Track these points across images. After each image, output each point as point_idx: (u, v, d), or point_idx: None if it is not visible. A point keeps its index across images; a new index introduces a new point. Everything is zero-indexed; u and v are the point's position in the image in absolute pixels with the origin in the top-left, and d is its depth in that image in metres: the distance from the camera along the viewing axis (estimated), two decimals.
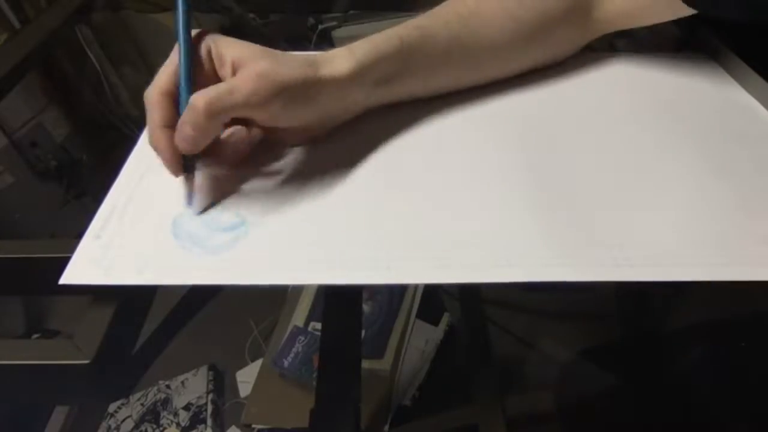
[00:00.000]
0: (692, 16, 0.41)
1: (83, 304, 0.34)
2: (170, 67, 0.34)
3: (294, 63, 0.35)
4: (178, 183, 0.37)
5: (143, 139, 0.41)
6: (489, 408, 0.65)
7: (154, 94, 0.34)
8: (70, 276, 0.31)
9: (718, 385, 0.44)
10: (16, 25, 1.13)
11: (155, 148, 0.34)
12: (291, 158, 0.39)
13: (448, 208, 0.35)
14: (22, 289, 0.60)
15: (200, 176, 0.36)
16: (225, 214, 0.35)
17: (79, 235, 0.34)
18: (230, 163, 0.37)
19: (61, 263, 0.32)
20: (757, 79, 0.44)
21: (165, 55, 0.35)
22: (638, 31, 0.50)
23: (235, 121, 0.36)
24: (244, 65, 0.33)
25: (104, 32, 1.23)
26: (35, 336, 1.14)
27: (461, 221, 0.34)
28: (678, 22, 0.46)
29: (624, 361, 0.55)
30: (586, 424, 0.56)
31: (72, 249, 0.33)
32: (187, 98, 0.33)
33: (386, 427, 0.95)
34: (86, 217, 0.35)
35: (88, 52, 1.22)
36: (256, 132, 0.37)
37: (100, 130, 1.36)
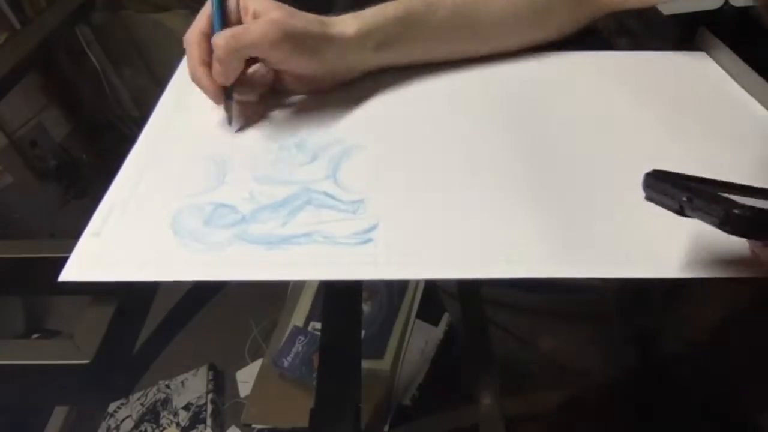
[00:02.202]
0: (689, 13, 0.42)
1: (83, 303, 0.34)
2: (207, 12, 0.40)
3: (306, 18, 0.40)
4: (178, 179, 0.37)
5: (143, 138, 0.41)
6: (489, 408, 0.66)
7: (194, 34, 0.39)
8: (70, 273, 0.31)
9: (718, 383, 0.44)
10: (16, 25, 1.13)
11: (197, 83, 0.40)
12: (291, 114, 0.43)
13: (447, 205, 0.35)
14: (22, 289, 0.60)
15: (236, 105, 0.42)
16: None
17: (79, 235, 0.34)
18: (257, 92, 0.42)
19: (61, 263, 0.31)
20: (755, 77, 0.44)
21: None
22: (638, 30, 0.50)
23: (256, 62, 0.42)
24: (263, 14, 0.39)
25: (104, 32, 1.23)
26: (35, 336, 1.14)
27: (460, 218, 0.34)
28: (678, 21, 0.46)
29: (624, 362, 0.55)
30: (587, 424, 0.56)
31: (71, 249, 0.33)
32: None
33: (386, 427, 0.95)
34: (86, 217, 0.35)
35: (88, 52, 1.22)
36: (271, 72, 0.42)
37: (100, 130, 1.36)
